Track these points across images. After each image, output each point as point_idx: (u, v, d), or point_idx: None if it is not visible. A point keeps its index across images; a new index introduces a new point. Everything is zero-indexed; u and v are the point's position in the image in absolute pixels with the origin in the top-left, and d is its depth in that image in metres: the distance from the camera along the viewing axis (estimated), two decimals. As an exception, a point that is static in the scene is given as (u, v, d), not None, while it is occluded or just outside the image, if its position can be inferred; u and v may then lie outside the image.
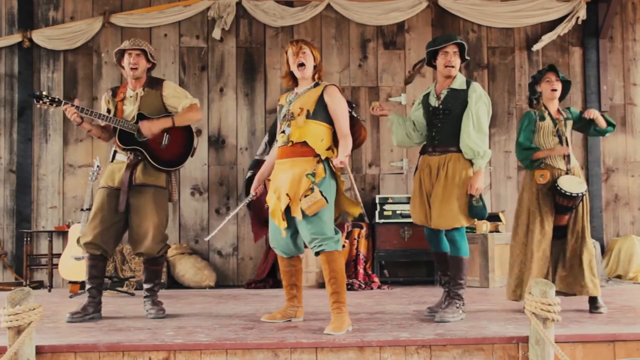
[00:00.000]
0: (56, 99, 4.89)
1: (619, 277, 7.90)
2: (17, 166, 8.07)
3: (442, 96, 4.80)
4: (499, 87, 8.42)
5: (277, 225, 4.47)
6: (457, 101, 4.74)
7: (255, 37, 8.32)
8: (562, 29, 8.28)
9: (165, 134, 4.92)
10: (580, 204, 5.06)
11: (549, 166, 5.10)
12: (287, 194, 4.36)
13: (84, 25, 8.07)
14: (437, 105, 4.81)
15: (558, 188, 4.94)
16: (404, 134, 5.04)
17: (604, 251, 8.18)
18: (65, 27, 8.10)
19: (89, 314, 4.82)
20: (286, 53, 4.57)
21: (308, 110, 4.38)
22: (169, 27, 8.25)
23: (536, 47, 8.32)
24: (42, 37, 8.03)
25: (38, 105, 4.94)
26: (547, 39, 8.29)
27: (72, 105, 4.82)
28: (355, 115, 4.59)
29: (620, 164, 8.46)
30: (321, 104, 4.40)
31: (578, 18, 8.24)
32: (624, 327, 4.28)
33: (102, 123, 5.02)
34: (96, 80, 8.08)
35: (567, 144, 5.13)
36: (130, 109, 4.95)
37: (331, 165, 4.39)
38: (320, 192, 4.24)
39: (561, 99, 5.29)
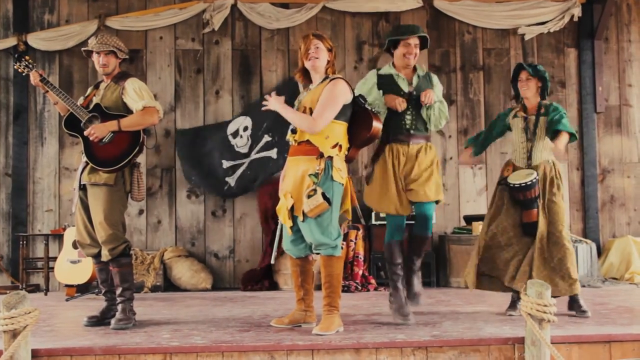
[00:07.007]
0: (30, 65, 5.01)
1: (615, 277, 7.91)
2: (13, 169, 8.05)
3: (414, 82, 4.77)
4: (494, 88, 8.43)
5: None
6: (428, 88, 4.76)
7: (250, 39, 8.32)
8: (554, 25, 8.32)
9: (110, 132, 4.77)
10: (550, 201, 5.04)
11: (512, 162, 5.28)
12: (291, 194, 4.37)
13: (79, 27, 8.06)
14: (410, 90, 4.74)
15: (508, 183, 5.08)
16: None
17: (600, 252, 8.18)
18: (60, 30, 8.09)
19: (107, 318, 4.81)
20: (300, 48, 4.50)
21: (311, 109, 4.36)
22: (164, 30, 8.24)
23: (522, 31, 8.38)
24: (37, 39, 8.02)
25: (16, 66, 5.08)
26: (536, 30, 8.35)
27: (40, 75, 4.93)
28: (368, 107, 4.48)
29: (616, 165, 8.48)
30: None
31: (573, 16, 8.26)
32: (620, 328, 4.29)
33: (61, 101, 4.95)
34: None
35: (532, 140, 5.15)
36: (97, 100, 4.92)
37: (334, 165, 4.32)
38: (323, 195, 4.22)
39: (543, 95, 5.26)
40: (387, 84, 4.78)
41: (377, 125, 4.46)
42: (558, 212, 5.03)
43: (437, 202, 4.77)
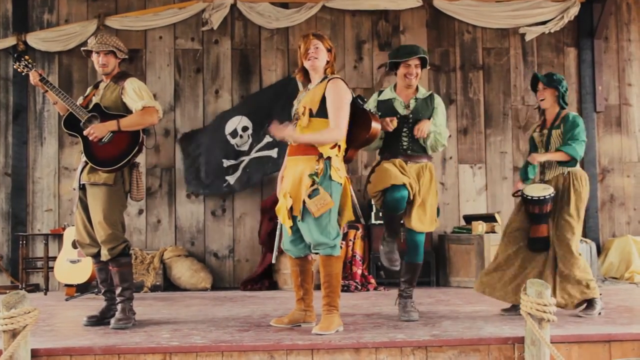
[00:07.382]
0: (29, 65, 5.00)
1: (614, 277, 7.91)
2: (13, 169, 8.04)
3: (411, 106, 4.86)
4: (494, 87, 8.43)
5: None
6: (426, 112, 4.84)
7: (250, 39, 8.31)
8: (554, 25, 8.32)
9: (109, 132, 4.77)
10: (560, 217, 4.98)
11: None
12: (290, 194, 4.36)
13: (79, 27, 8.06)
14: (406, 114, 4.83)
15: (523, 195, 5.00)
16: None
17: (599, 251, 8.18)
18: (60, 29, 8.08)
19: (107, 318, 4.81)
20: (299, 48, 4.50)
21: (311, 110, 4.36)
22: (163, 30, 8.24)
23: (523, 30, 8.38)
24: (36, 39, 8.01)
25: (15, 66, 5.06)
26: (537, 31, 8.34)
27: (39, 75, 4.92)
28: (366, 108, 4.51)
29: (616, 164, 8.48)
30: (324, 100, 4.35)
31: (570, 15, 8.25)
32: (620, 327, 4.30)
33: (61, 101, 4.93)
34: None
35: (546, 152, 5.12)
36: (96, 100, 4.91)
37: (333, 164, 4.32)
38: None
39: (561, 103, 5.16)
40: (385, 109, 4.86)
41: (376, 125, 4.49)
42: (568, 228, 4.94)
43: None
